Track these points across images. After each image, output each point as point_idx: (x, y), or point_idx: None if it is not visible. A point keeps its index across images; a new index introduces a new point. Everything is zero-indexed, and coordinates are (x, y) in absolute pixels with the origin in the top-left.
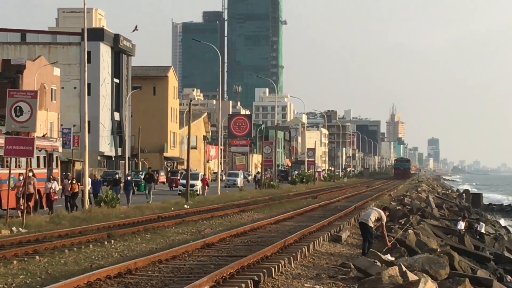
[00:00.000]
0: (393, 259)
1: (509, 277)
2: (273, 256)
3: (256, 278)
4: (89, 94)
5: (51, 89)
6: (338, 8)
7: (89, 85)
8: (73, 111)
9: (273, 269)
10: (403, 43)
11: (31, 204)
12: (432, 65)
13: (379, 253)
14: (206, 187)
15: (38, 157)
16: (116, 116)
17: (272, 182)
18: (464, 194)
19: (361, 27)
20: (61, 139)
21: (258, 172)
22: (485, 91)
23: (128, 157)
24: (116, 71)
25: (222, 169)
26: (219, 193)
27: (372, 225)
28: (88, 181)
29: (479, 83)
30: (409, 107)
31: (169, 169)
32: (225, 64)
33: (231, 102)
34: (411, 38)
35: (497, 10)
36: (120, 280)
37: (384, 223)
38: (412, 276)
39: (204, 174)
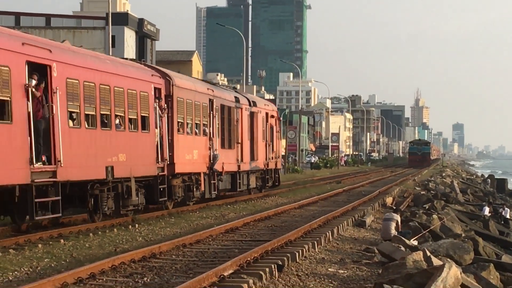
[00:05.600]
0: (417, 244)
1: None
2: (297, 240)
3: (280, 263)
4: None
5: None
6: None
7: None
8: None
9: (297, 254)
10: (429, 28)
11: None
12: (457, 50)
13: (403, 238)
14: None
15: None
16: None
17: (296, 167)
18: (489, 180)
19: (386, 12)
20: None
21: None
22: (509, 75)
23: None
24: (141, 55)
25: None
26: None
27: (396, 233)
28: None
29: (504, 68)
30: (433, 92)
31: None
32: (249, 49)
33: (255, 86)
34: (436, 23)
35: None
36: (144, 264)
37: (399, 222)
38: (436, 261)
39: None
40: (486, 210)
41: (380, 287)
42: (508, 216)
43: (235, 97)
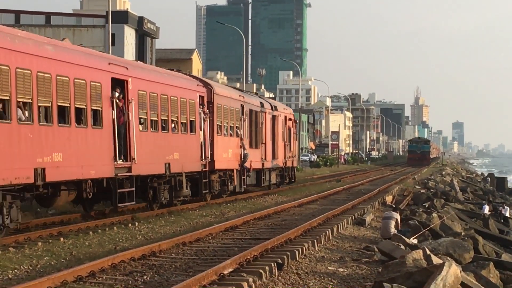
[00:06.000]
0: (417, 242)
1: None
2: (297, 239)
3: (280, 261)
4: None
5: None
6: None
7: None
8: None
9: (297, 252)
10: (429, 27)
11: None
12: (457, 48)
13: (403, 237)
14: None
15: None
16: None
17: (296, 165)
18: (488, 178)
19: (385, 10)
20: None
21: None
22: (509, 74)
23: None
24: (141, 53)
25: None
26: None
27: (396, 231)
28: None
29: (504, 66)
30: (433, 91)
31: None
32: (249, 47)
33: (255, 85)
34: (436, 22)
35: None
36: (144, 262)
37: (399, 220)
38: (436, 260)
39: None
40: (486, 209)
41: (380, 286)
42: (507, 215)
43: (260, 102)
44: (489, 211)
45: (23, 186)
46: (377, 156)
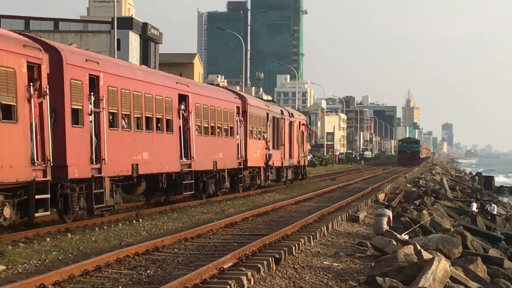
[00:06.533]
0: (408, 238)
1: None
2: (293, 235)
3: (277, 256)
4: None
5: None
6: None
7: None
8: None
9: (293, 247)
10: (419, 32)
11: None
12: (447, 52)
13: (395, 233)
14: None
15: None
16: None
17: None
18: (476, 177)
19: (378, 16)
20: None
21: None
22: (496, 78)
23: None
24: (145, 58)
25: None
26: None
27: (388, 228)
28: None
29: (491, 70)
30: (424, 93)
31: None
32: (248, 52)
33: (254, 88)
34: (426, 27)
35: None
36: (148, 257)
37: (391, 217)
38: (426, 255)
39: None
40: (474, 206)
41: (373, 280)
42: (494, 212)
43: (281, 110)
44: (477, 208)
45: (123, 177)
46: (370, 156)
